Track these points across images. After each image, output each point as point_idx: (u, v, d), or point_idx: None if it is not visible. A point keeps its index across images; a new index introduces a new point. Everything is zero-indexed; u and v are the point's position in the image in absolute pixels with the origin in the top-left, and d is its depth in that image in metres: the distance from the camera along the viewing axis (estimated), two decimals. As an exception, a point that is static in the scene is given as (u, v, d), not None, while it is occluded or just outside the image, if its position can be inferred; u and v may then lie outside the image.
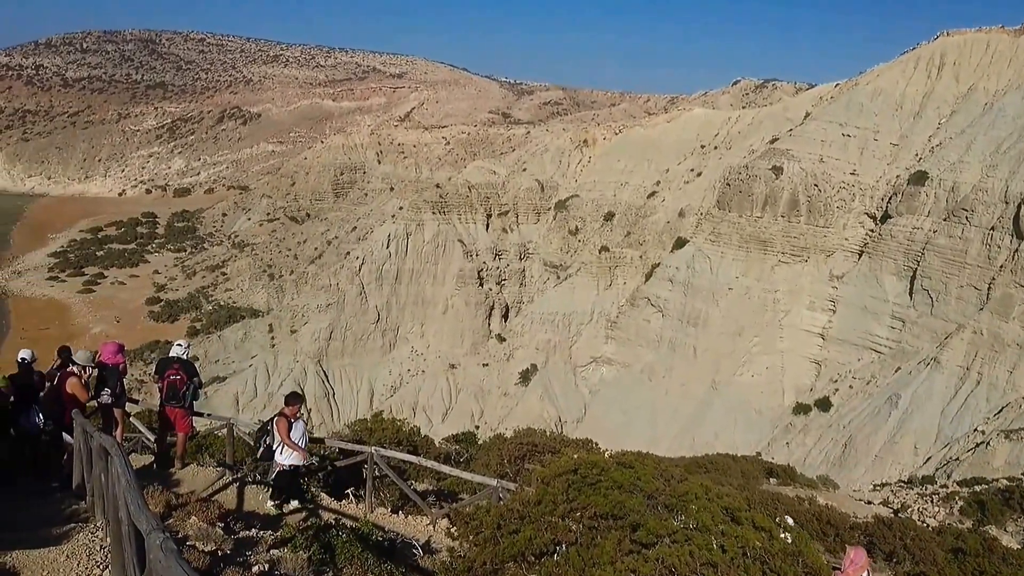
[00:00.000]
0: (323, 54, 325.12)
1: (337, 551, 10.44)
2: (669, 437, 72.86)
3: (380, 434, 23.12)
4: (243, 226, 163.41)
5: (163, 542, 5.96)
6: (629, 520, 9.13)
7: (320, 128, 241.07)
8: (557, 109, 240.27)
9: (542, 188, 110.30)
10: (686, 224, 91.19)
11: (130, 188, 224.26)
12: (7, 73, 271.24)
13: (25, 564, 9.40)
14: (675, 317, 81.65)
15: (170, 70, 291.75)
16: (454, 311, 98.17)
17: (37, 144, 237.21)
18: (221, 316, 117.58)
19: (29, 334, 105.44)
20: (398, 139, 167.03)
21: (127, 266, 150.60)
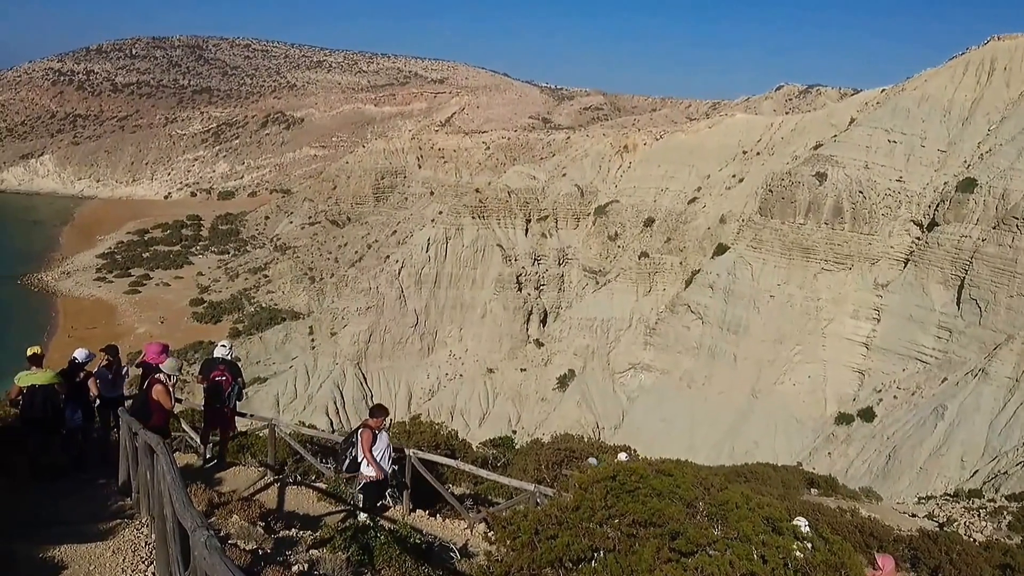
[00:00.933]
0: (365, 59, 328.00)
1: (375, 552, 10.54)
2: (708, 445, 72.22)
3: (418, 437, 23.25)
4: (285, 229, 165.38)
5: (207, 539, 6.07)
6: (668, 528, 9.03)
7: (362, 133, 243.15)
8: (598, 114, 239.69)
9: (582, 193, 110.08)
10: (727, 230, 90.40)
11: (176, 191, 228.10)
12: (60, 79, 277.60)
13: (73, 558, 9.61)
14: (715, 324, 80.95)
15: (216, 75, 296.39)
16: (492, 316, 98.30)
17: (87, 148, 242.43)
18: (263, 318, 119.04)
19: (77, 333, 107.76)
20: (438, 144, 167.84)
21: (172, 268, 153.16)
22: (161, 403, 13.77)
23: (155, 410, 13.76)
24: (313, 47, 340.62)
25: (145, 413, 13.82)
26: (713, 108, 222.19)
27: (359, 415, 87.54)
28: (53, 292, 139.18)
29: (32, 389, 14.36)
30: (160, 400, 13.77)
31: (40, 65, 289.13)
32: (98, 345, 17.20)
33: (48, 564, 9.41)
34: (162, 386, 13.88)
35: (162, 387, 13.88)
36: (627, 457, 24.14)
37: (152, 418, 13.71)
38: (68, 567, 9.40)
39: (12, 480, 14.43)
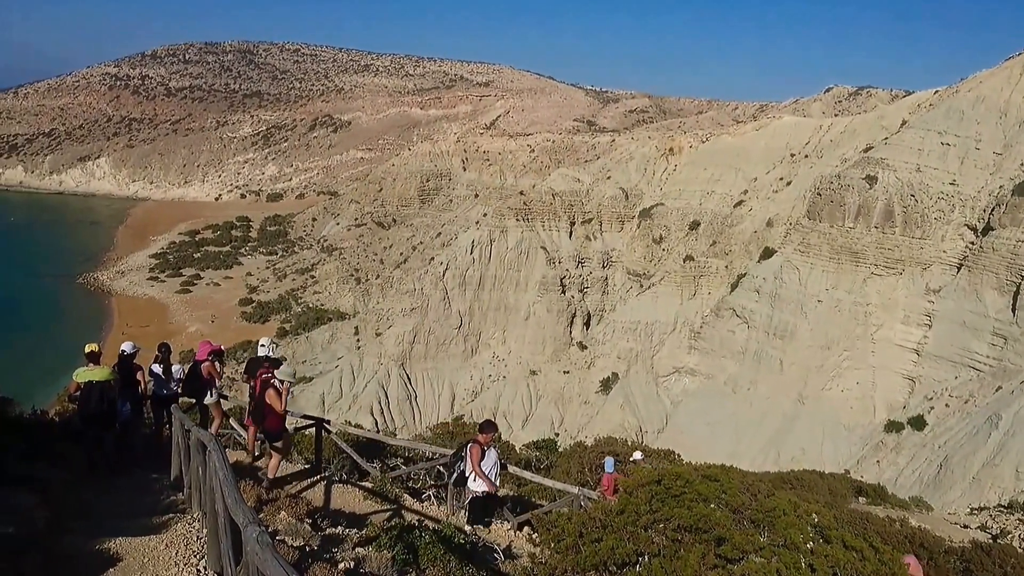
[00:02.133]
0: (412, 63, 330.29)
1: (420, 552, 10.57)
2: (753, 451, 71.41)
3: (461, 438, 23.36)
4: (332, 231, 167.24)
5: (259, 535, 6.20)
6: (714, 534, 8.98)
7: (408, 136, 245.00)
8: (643, 117, 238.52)
9: (626, 196, 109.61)
10: (774, 234, 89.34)
11: (226, 193, 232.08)
12: (116, 83, 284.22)
13: (127, 550, 9.86)
14: (761, 329, 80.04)
15: (266, 79, 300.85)
16: (536, 318, 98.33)
17: (141, 150, 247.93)
18: (309, 318, 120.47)
19: (131, 331, 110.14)
20: (483, 147, 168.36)
21: (222, 268, 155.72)
22: (273, 407, 14.22)
23: (268, 413, 14.27)
24: (360, 51, 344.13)
25: (260, 416, 14.47)
26: (760, 110, 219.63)
27: (403, 415, 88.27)
28: (108, 291, 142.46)
29: (89, 385, 14.74)
30: (272, 404, 14.22)
31: (97, 70, 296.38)
32: (151, 343, 17.64)
33: (104, 556, 9.64)
34: (274, 391, 14.26)
35: (274, 392, 14.26)
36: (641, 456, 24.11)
37: (266, 421, 14.35)
38: (123, 559, 9.62)
39: (70, 474, 14.85)
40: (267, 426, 14.48)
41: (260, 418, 14.60)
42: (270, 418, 14.34)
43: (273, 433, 14.55)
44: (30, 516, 10.73)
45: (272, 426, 14.43)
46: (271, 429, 14.47)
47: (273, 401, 14.23)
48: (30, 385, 62.34)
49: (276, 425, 14.48)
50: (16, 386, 24.78)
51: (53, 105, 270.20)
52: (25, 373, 73.24)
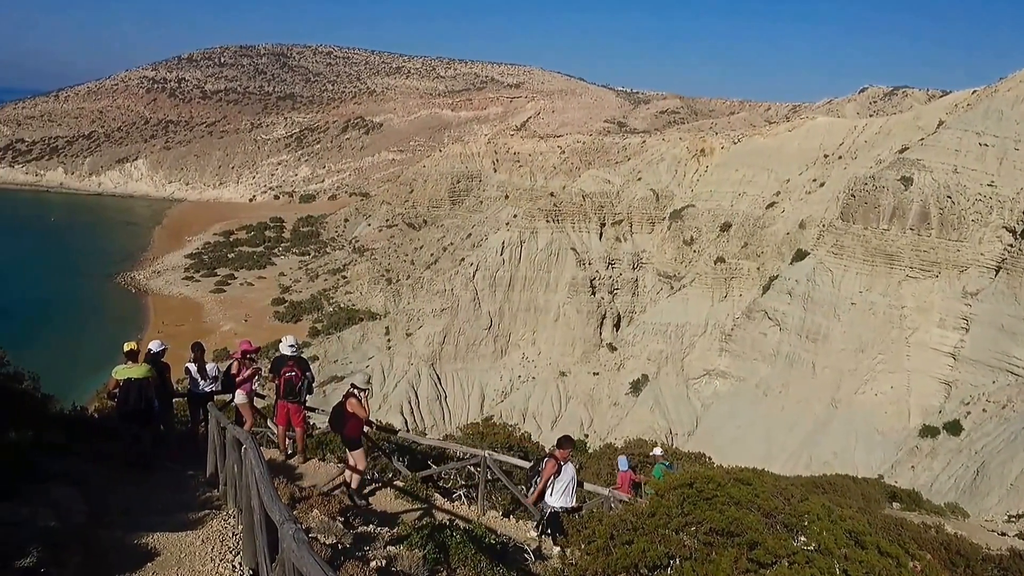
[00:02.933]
0: (443, 65, 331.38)
1: (451, 551, 10.69)
2: (784, 455, 70.75)
3: (492, 438, 23.52)
4: (363, 231, 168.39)
5: (295, 532, 6.32)
6: (746, 538, 8.97)
7: (439, 137, 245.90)
8: (674, 118, 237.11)
9: (657, 197, 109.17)
10: (807, 236, 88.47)
11: (260, 194, 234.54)
12: (153, 86, 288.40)
13: (165, 545, 10.03)
14: (793, 331, 79.29)
15: (299, 82, 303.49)
16: (566, 319, 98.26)
17: (177, 152, 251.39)
18: (341, 318, 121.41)
19: (167, 329, 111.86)
20: (514, 148, 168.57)
21: (255, 268, 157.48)
22: (356, 414, 14.45)
23: (349, 420, 14.46)
24: (392, 53, 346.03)
25: (340, 423, 14.62)
26: (793, 111, 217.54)
27: (433, 415, 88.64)
28: (145, 290, 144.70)
29: (128, 383, 15.04)
30: (355, 412, 14.43)
31: (136, 74, 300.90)
32: (186, 341, 17.93)
33: (143, 551, 9.80)
34: (356, 400, 14.47)
35: (356, 400, 14.47)
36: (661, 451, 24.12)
37: (346, 428, 14.52)
38: (161, 554, 9.78)
39: (108, 469, 15.19)
40: (346, 433, 14.64)
41: (339, 426, 14.71)
42: (350, 425, 14.50)
43: (353, 440, 14.69)
44: (71, 510, 10.93)
45: (351, 433, 14.58)
46: (350, 436, 14.63)
47: (356, 409, 14.41)
48: (69, 382, 63.49)
49: (356, 432, 14.62)
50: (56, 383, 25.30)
51: (92, 108, 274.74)
52: (65, 370, 74.51)
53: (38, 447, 14.29)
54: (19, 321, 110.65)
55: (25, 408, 17.48)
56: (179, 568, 9.48)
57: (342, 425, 14.62)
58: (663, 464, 21.47)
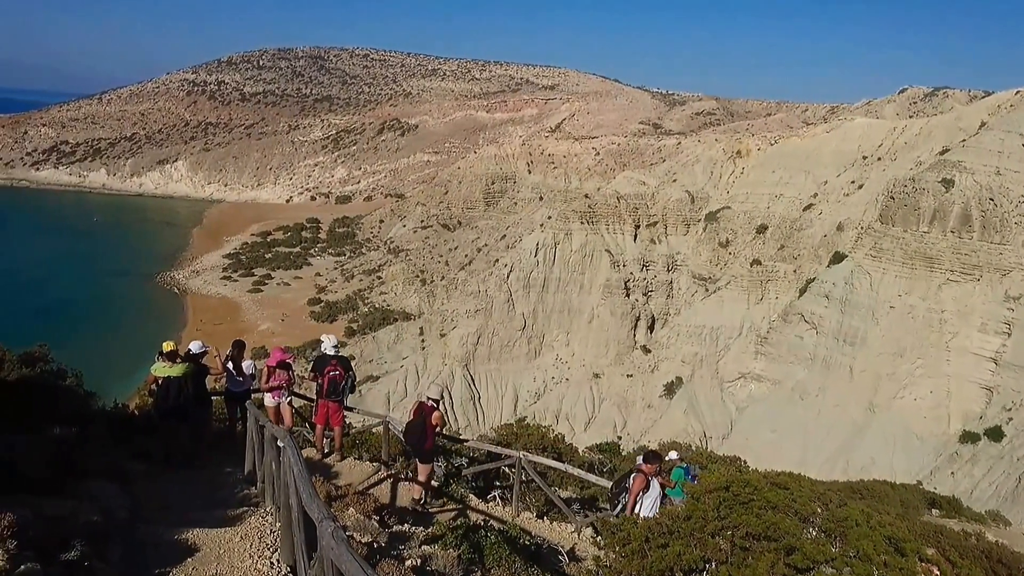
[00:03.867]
0: (478, 67, 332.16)
1: (485, 552, 10.74)
2: (821, 459, 69.97)
3: (526, 439, 23.51)
4: (398, 232, 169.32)
5: (334, 530, 6.37)
6: (784, 543, 8.87)
7: (473, 139, 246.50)
8: (710, 119, 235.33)
9: (692, 199, 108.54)
10: (844, 238, 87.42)
11: (297, 195, 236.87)
12: (194, 89, 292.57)
13: (204, 541, 10.15)
14: (830, 335, 78.37)
15: (336, 84, 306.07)
16: (599, 321, 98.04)
17: (216, 154, 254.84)
18: (375, 318, 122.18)
19: (205, 328, 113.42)
20: (548, 149, 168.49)
21: (292, 268, 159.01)
22: (437, 425, 14.58)
23: (430, 434, 14.55)
24: (428, 56, 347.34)
25: (420, 437, 14.65)
26: (832, 112, 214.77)
27: (467, 416, 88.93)
28: (184, 290, 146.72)
29: (166, 381, 15.35)
30: (436, 423, 14.55)
31: (176, 77, 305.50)
32: (224, 341, 18.18)
33: (183, 546, 9.94)
34: (440, 413, 14.61)
35: (440, 414, 14.60)
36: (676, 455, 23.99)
37: (428, 441, 14.59)
38: (200, 550, 9.90)
39: (149, 465, 15.50)
40: (427, 447, 14.69)
41: (418, 439, 14.71)
42: (430, 438, 14.59)
43: (428, 453, 14.78)
44: (112, 505, 11.11)
45: (429, 446, 14.69)
46: (428, 449, 14.71)
47: (438, 422, 14.54)
48: (110, 379, 64.53)
49: (431, 445, 14.75)
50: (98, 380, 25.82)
51: (134, 110, 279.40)
52: (106, 368, 75.80)
53: (81, 443, 14.62)
54: (62, 319, 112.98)
55: (68, 404, 17.86)
56: (218, 564, 9.57)
57: (423, 439, 14.61)
58: (681, 468, 21.41)
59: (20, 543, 6.99)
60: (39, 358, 19.32)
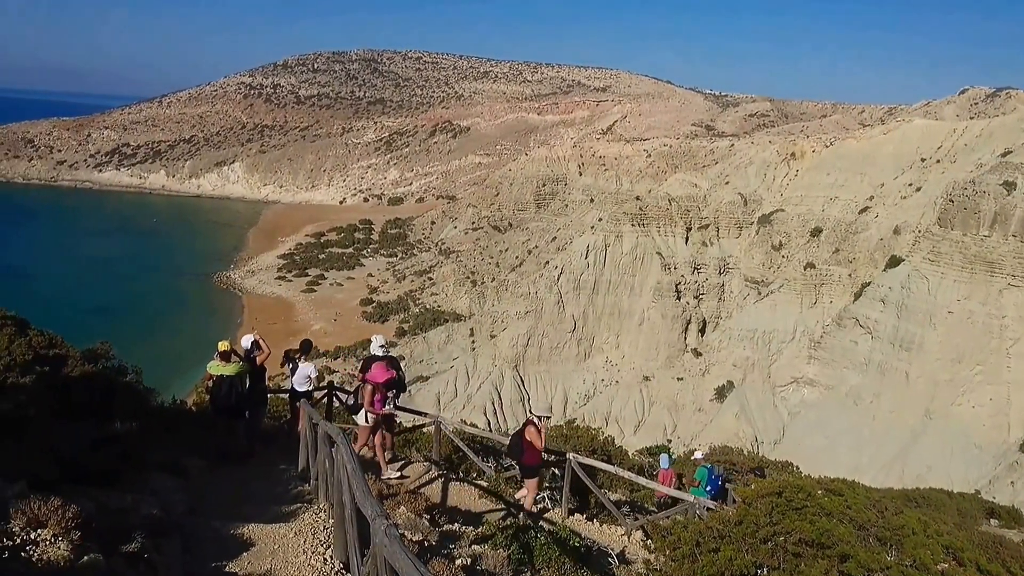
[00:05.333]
0: (530, 69, 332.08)
1: (535, 552, 10.70)
2: (875, 466, 68.63)
3: (575, 441, 23.58)
4: (450, 234, 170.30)
5: (387, 528, 6.43)
6: (837, 550, 8.77)
7: (525, 141, 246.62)
8: (763, 121, 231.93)
9: (745, 202, 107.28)
10: (901, 242, 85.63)
11: (350, 197, 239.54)
12: (250, 92, 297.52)
13: (259, 536, 10.30)
14: (886, 340, 76.81)
15: (389, 87, 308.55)
16: (650, 323, 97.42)
17: (272, 156, 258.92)
18: (426, 319, 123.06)
19: (259, 327, 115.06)
20: (599, 151, 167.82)
21: (345, 269, 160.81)
22: (533, 443, 14.47)
23: (526, 448, 14.53)
24: (480, 58, 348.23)
25: (518, 451, 14.76)
26: (889, 113, 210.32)
27: (516, 417, 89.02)
28: (240, 289, 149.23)
29: (220, 379, 15.78)
30: (533, 441, 14.48)
31: (234, 80, 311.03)
32: (278, 339, 18.50)
33: (238, 541, 10.10)
34: (535, 428, 14.50)
35: (535, 429, 14.50)
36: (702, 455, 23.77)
37: (524, 456, 14.61)
38: (256, 544, 10.08)
39: (205, 460, 15.93)
40: (524, 461, 14.64)
41: (517, 453, 14.73)
42: (528, 452, 14.49)
43: (530, 468, 14.69)
44: (171, 499, 11.43)
45: (529, 461, 14.59)
46: (528, 464, 14.63)
47: (533, 438, 14.41)
48: (169, 377, 66.19)
49: (534, 461, 14.62)
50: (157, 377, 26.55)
51: (193, 113, 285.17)
52: (164, 365, 77.59)
53: (141, 438, 15.07)
54: (122, 317, 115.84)
55: (128, 400, 18.40)
56: (273, 559, 9.71)
57: (520, 453, 14.63)
58: (705, 468, 21.29)
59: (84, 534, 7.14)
60: (101, 355, 19.84)
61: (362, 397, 15.51)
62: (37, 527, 6.99)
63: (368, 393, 15.40)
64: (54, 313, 79.43)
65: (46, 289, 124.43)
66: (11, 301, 21.10)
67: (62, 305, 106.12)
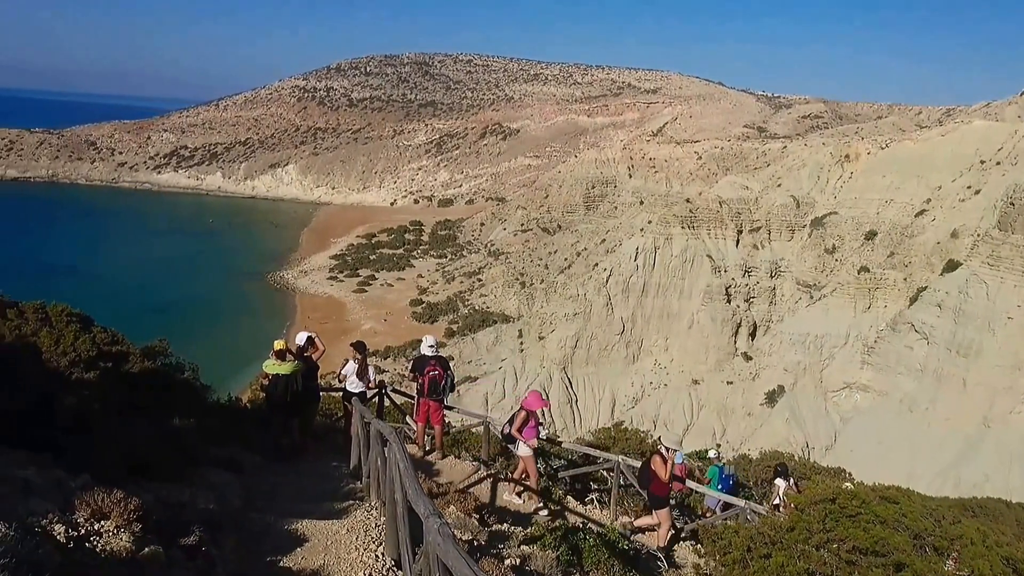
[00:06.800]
0: (580, 71, 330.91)
1: (584, 554, 10.67)
2: (930, 474, 67.06)
3: (623, 444, 23.53)
4: (499, 236, 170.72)
5: (440, 527, 6.46)
6: (892, 559, 8.67)
7: (574, 143, 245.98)
8: (817, 123, 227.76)
9: (797, 204, 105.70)
10: (959, 246, 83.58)
11: (400, 198, 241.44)
12: (304, 95, 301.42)
13: (313, 532, 10.42)
14: (943, 345, 75.02)
15: (440, 90, 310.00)
16: (699, 327, 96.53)
17: (325, 158, 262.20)
18: (475, 320, 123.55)
19: (312, 326, 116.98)
20: (650, 153, 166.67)
21: (395, 269, 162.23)
22: (658, 473, 14.28)
23: (653, 479, 14.43)
24: (530, 60, 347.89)
25: (646, 480, 14.75)
26: (947, 115, 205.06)
27: (564, 418, 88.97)
28: (292, 289, 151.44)
29: (275, 377, 16.18)
30: (656, 471, 14.30)
31: (288, 83, 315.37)
32: (330, 339, 18.83)
33: (292, 536, 10.24)
34: (660, 458, 14.32)
35: (660, 459, 14.32)
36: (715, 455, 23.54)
37: (651, 485, 14.52)
38: (309, 540, 10.19)
39: (260, 457, 16.34)
40: (652, 491, 14.49)
41: (645, 483, 14.65)
42: (654, 483, 14.37)
43: (658, 499, 14.50)
44: (227, 494, 11.69)
45: (657, 491, 14.42)
46: (656, 494, 14.46)
47: (658, 468, 14.23)
48: (224, 374, 67.34)
49: (662, 491, 14.44)
50: (213, 375, 27.22)
51: (248, 116, 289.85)
52: (220, 363, 79.00)
53: (197, 433, 15.51)
54: (180, 316, 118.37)
55: (185, 396, 18.95)
56: (326, 555, 9.81)
57: (648, 482, 14.52)
58: (716, 467, 21.13)
59: (144, 526, 7.30)
60: (159, 352, 20.47)
61: (516, 424, 15.05)
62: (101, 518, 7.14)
63: (520, 420, 14.99)
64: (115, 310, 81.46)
65: (107, 287, 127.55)
66: (75, 299, 21.83)
67: (122, 303, 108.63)
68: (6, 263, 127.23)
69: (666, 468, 14.06)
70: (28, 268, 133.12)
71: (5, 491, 7.24)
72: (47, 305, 18.15)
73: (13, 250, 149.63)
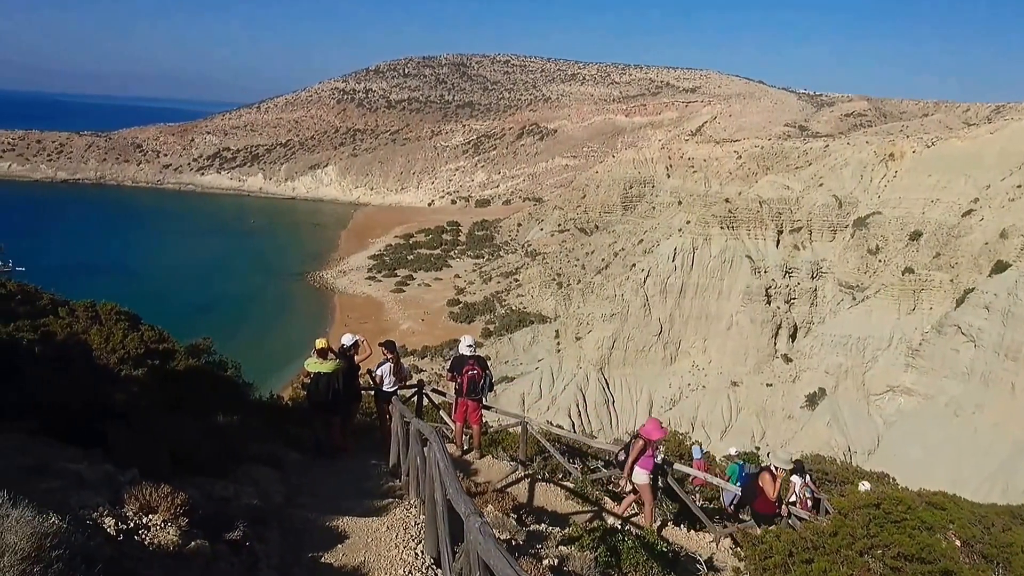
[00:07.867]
0: (618, 71, 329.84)
1: (623, 556, 10.59)
2: (976, 480, 65.66)
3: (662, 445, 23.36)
4: (536, 236, 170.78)
5: (481, 526, 6.51)
6: (939, 566, 8.49)
7: (612, 143, 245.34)
8: (860, 121, 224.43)
9: (840, 204, 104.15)
10: (1009, 246, 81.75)
11: (438, 199, 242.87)
12: (343, 97, 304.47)
13: (353, 529, 10.57)
14: (990, 348, 73.42)
15: (477, 90, 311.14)
16: (738, 328, 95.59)
17: (363, 159, 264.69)
18: (512, 320, 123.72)
19: (351, 326, 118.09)
20: (688, 153, 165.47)
21: (432, 270, 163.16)
22: (765, 490, 14.36)
23: (759, 494, 14.53)
24: (568, 60, 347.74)
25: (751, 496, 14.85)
26: (996, 112, 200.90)
27: (600, 420, 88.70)
28: (332, 288, 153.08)
29: (318, 375, 16.34)
30: (764, 488, 14.38)
31: (327, 85, 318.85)
32: (369, 338, 18.92)
33: (333, 532, 10.42)
34: (770, 476, 14.28)
35: (770, 477, 14.27)
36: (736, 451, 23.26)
37: (755, 502, 14.63)
38: (349, 537, 10.35)
39: (301, 454, 16.52)
40: (755, 507, 14.59)
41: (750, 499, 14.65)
42: (760, 500, 14.40)
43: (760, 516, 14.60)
44: (270, 490, 11.87)
45: (760, 508, 14.51)
46: (759, 512, 14.54)
47: (766, 485, 14.26)
48: (266, 372, 68.23)
49: (766, 509, 14.48)
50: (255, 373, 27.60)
51: (289, 118, 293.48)
52: (261, 361, 79.96)
53: (241, 430, 15.72)
54: (223, 314, 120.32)
55: (229, 393, 19.23)
56: (366, 551, 9.94)
57: (752, 498, 14.61)
58: (736, 464, 20.86)
59: (190, 521, 7.42)
60: (203, 350, 20.82)
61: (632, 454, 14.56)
62: (148, 512, 7.25)
63: (637, 450, 14.44)
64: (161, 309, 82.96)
65: (153, 286, 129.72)
66: (123, 297, 22.27)
67: (167, 301, 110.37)
68: (57, 263, 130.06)
69: (775, 487, 13.90)
70: (78, 267, 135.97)
71: (59, 484, 7.40)
72: (97, 304, 18.55)
73: (64, 250, 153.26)
